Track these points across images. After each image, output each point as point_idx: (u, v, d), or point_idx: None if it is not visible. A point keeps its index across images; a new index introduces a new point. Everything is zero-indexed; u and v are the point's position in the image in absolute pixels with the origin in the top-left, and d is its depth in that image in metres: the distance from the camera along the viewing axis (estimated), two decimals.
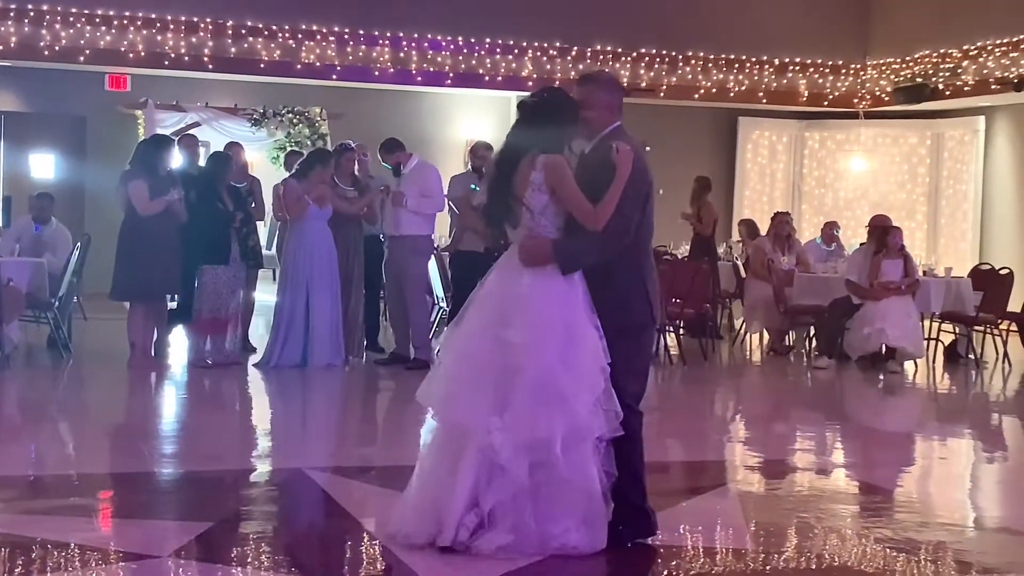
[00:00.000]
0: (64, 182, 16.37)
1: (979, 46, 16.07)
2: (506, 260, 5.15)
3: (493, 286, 5.13)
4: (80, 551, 4.97)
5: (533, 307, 5.00)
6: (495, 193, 5.16)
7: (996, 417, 10.24)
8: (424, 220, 10.76)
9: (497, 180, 5.18)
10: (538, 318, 4.98)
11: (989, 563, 5.28)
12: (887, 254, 11.97)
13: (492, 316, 5.03)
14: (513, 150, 5.13)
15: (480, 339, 5.03)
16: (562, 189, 5.03)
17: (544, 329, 4.97)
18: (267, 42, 15.83)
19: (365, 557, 5.21)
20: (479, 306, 5.11)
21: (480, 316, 5.08)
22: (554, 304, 5.01)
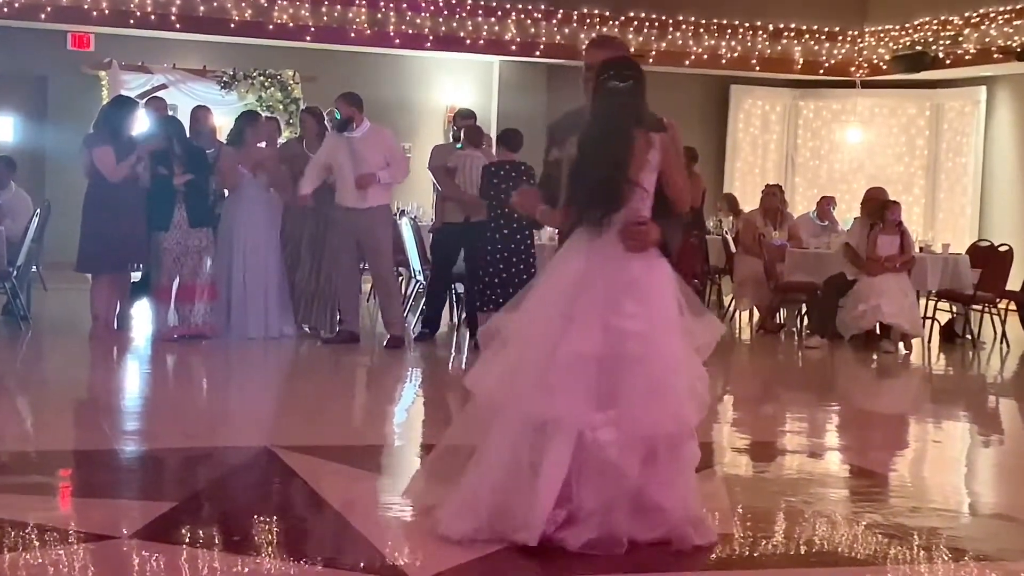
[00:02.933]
0: (23, 145, 16.29)
1: (981, 13, 16.09)
2: (588, 241, 4.89)
3: (579, 271, 4.87)
4: (38, 531, 4.95)
5: (652, 293, 4.88)
6: (610, 164, 4.86)
7: (993, 399, 10.29)
8: (385, 190, 10.67)
9: (612, 152, 4.87)
10: (657, 305, 4.87)
11: (983, 550, 5.30)
12: (883, 229, 11.99)
13: (592, 303, 4.82)
14: (628, 120, 4.90)
15: (583, 328, 4.79)
16: (674, 169, 4.97)
17: (664, 317, 4.86)
18: (237, 1, 15.76)
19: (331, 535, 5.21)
20: (562, 291, 4.85)
21: (569, 303, 4.82)
22: (668, 289, 4.90)
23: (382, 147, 10.58)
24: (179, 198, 10.32)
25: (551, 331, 4.80)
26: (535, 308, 4.91)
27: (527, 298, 4.98)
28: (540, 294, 4.94)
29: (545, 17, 16.81)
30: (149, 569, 4.68)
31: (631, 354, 4.79)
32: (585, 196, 4.90)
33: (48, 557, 4.70)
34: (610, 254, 4.86)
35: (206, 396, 9.00)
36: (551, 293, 4.90)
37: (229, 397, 8.80)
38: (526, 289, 5.07)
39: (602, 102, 4.97)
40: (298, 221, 10.82)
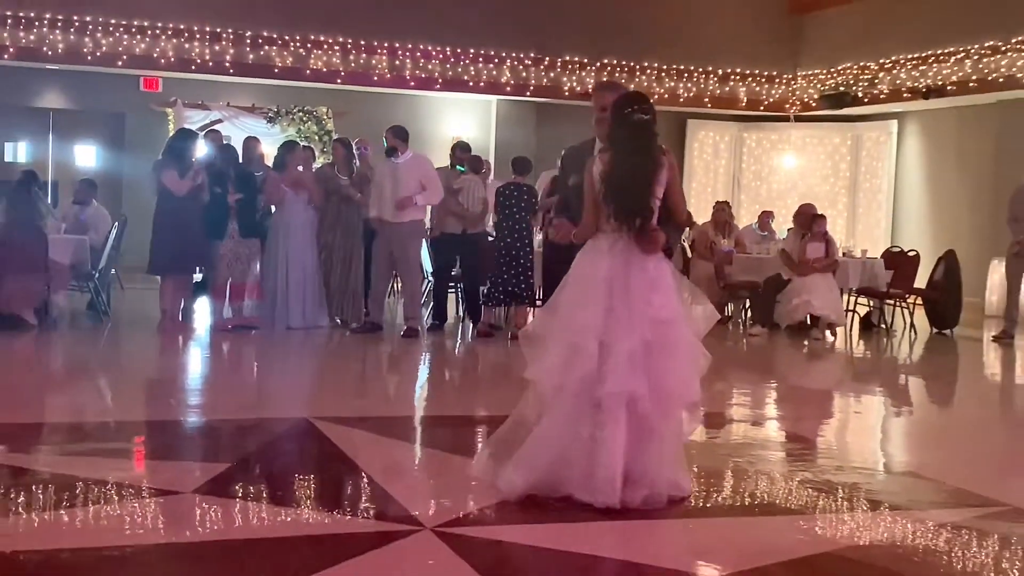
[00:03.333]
0: (104, 170, 16.34)
1: (893, 60, 16.14)
2: (608, 247, 4.87)
3: (607, 271, 4.84)
4: (117, 487, 4.95)
5: (667, 287, 4.90)
6: (636, 188, 4.85)
7: (903, 377, 10.30)
8: (419, 208, 10.68)
9: (639, 177, 4.86)
10: (670, 295, 4.89)
11: (896, 501, 5.31)
12: (812, 238, 12.04)
13: (627, 297, 4.80)
14: (652, 146, 4.91)
15: (628, 319, 4.77)
16: (675, 186, 4.99)
17: (675, 304, 4.90)
18: (280, 50, 15.79)
19: (361, 493, 5.21)
20: (597, 288, 4.82)
21: (606, 297, 4.80)
22: (675, 284, 4.95)
23: (419, 173, 10.51)
24: (232, 213, 10.33)
25: (595, 322, 4.79)
26: (576, 304, 4.87)
27: (560, 298, 4.96)
28: (577, 293, 4.90)
29: (534, 63, 16.83)
30: (208, 519, 4.68)
31: (663, 339, 4.83)
32: (625, 208, 4.86)
33: (125, 509, 4.70)
34: (628, 256, 4.86)
35: (254, 376, 8.99)
36: (588, 290, 4.86)
37: (273, 377, 8.78)
38: (559, 291, 5.01)
39: (629, 131, 4.93)
40: (330, 230, 10.81)
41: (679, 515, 4.90)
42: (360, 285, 10.97)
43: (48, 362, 9.12)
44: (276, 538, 4.43)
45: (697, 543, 4.68)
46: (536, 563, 4.32)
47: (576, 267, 4.99)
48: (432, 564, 4.13)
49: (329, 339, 10.46)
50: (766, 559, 4.31)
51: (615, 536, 4.58)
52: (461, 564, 4.08)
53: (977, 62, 14.85)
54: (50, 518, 4.51)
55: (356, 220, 10.87)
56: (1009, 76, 14.38)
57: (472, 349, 10.62)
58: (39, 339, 9.69)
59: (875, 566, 4.37)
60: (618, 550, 4.44)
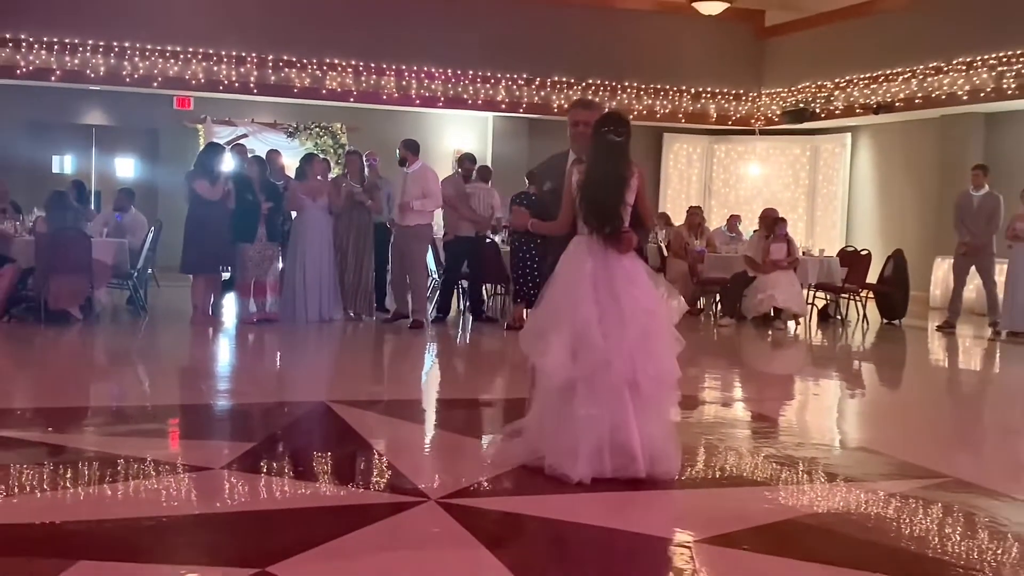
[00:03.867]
0: (141, 180, 16.30)
1: (847, 79, 16.15)
2: (588, 248, 4.91)
3: (591, 269, 4.88)
4: (154, 464, 4.95)
5: (643, 281, 4.97)
6: (609, 198, 4.91)
7: (856, 363, 10.32)
8: (424, 213, 10.70)
9: (611, 188, 4.92)
10: (648, 287, 4.97)
11: (850, 474, 5.32)
12: (775, 239, 12.05)
13: (611, 292, 4.85)
14: (624, 166, 4.96)
15: (618, 311, 4.82)
16: (644, 196, 5.05)
17: (653, 294, 4.97)
18: (299, 72, 15.78)
19: (373, 469, 5.21)
20: (584, 285, 4.85)
21: (593, 292, 4.84)
22: (649, 278, 5.02)
23: (422, 182, 10.58)
24: (261, 219, 10.35)
25: (590, 315, 4.80)
26: (570, 301, 4.87)
27: (555, 296, 4.95)
28: (568, 290, 4.91)
29: (526, 83, 16.82)
30: (236, 492, 4.68)
31: (651, 324, 4.90)
32: (597, 216, 4.92)
33: (161, 484, 4.70)
34: (607, 256, 4.91)
35: (277, 364, 8.98)
36: (578, 288, 4.88)
37: (294, 365, 8.79)
38: (546, 289, 5.03)
39: (603, 149, 4.98)
40: (344, 233, 10.80)
41: (657, 487, 4.90)
42: (371, 282, 11.00)
43: (92, 352, 9.11)
44: (297, 509, 4.43)
45: (674, 512, 4.68)
46: (530, 530, 4.33)
47: (562, 266, 5.00)
48: (437, 532, 4.13)
49: (343, 331, 10.46)
50: (735, 526, 4.31)
51: (600, 506, 4.59)
52: (463, 532, 4.09)
53: (922, 81, 14.86)
54: (94, 492, 4.51)
55: (368, 223, 10.89)
56: (950, 94, 14.40)
57: (474, 339, 10.62)
58: (83, 332, 9.68)
59: (832, 531, 4.38)
60: (603, 518, 4.44)
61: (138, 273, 11.07)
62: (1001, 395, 8.76)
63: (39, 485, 4.61)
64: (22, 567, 3.57)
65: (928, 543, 4.24)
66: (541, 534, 4.29)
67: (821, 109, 16.62)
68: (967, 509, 4.70)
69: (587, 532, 4.30)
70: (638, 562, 4.02)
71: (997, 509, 4.73)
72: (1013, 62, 13.45)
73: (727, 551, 4.02)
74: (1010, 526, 4.49)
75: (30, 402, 6.82)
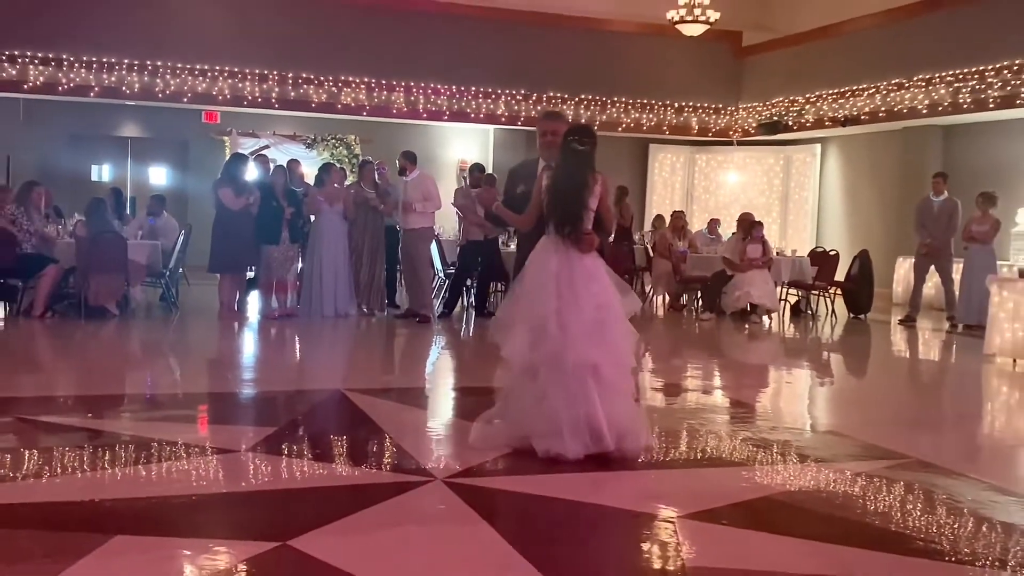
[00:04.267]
0: (173, 187, 16.28)
1: (817, 95, 16.15)
2: (554, 247, 4.93)
3: (556, 266, 4.90)
4: (185, 447, 4.95)
5: (602, 278, 5.00)
6: (572, 202, 4.93)
7: (825, 354, 10.32)
8: (426, 216, 10.73)
9: (574, 193, 4.95)
10: (606, 284, 4.99)
11: (820, 456, 5.32)
12: (752, 240, 12.05)
13: (573, 288, 4.88)
14: (586, 171, 4.99)
15: (577, 305, 4.85)
16: (604, 201, 5.07)
17: (611, 291, 5.00)
18: (317, 88, 15.76)
19: (385, 451, 5.21)
20: (549, 281, 4.88)
21: (556, 288, 4.87)
22: (607, 276, 5.04)
23: (421, 188, 10.66)
24: (284, 223, 10.36)
25: (552, 308, 4.84)
26: (534, 295, 4.92)
27: (522, 290, 4.99)
28: (533, 285, 4.94)
29: (524, 99, 16.79)
30: (260, 473, 4.68)
31: (607, 317, 4.92)
32: (559, 218, 4.97)
33: (191, 465, 4.70)
34: (570, 255, 4.94)
35: (296, 355, 8.99)
36: (542, 283, 4.91)
37: (312, 356, 8.79)
38: (516, 283, 5.08)
39: (569, 157, 5.02)
40: (359, 235, 10.82)
41: (643, 467, 4.91)
42: (383, 280, 11.03)
43: (128, 345, 9.11)
44: (315, 487, 4.43)
45: (659, 490, 4.68)
46: (527, 507, 4.33)
47: (531, 264, 5.04)
48: (442, 508, 4.14)
49: (358, 325, 10.46)
50: (715, 502, 4.32)
51: (591, 484, 4.59)
52: (466, 509, 4.09)
53: (885, 96, 14.85)
54: (130, 472, 4.51)
55: (380, 226, 10.92)
56: (911, 108, 14.39)
57: (477, 333, 10.62)
58: (120, 326, 9.69)
59: (804, 507, 4.39)
60: (594, 496, 4.44)
61: (170, 272, 11.07)
62: (957, 383, 8.77)
63: (80, 466, 4.61)
64: (65, 541, 3.57)
65: (891, 518, 4.24)
66: (537, 510, 4.29)
67: (793, 122, 16.62)
68: (926, 487, 4.71)
69: (579, 508, 4.30)
70: (627, 535, 4.02)
71: (953, 487, 4.74)
72: (968, 79, 13.45)
73: (708, 525, 4.03)
74: (965, 502, 4.49)
75: (72, 390, 6.83)
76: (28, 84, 14.56)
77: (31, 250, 9.93)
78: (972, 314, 11.35)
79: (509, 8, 16.64)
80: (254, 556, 3.47)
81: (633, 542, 3.95)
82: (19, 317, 9.77)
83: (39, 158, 15.48)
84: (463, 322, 11.26)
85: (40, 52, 14.53)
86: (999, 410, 7.46)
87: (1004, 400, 7.82)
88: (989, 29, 13.20)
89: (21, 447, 4.91)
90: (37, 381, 7.07)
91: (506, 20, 16.53)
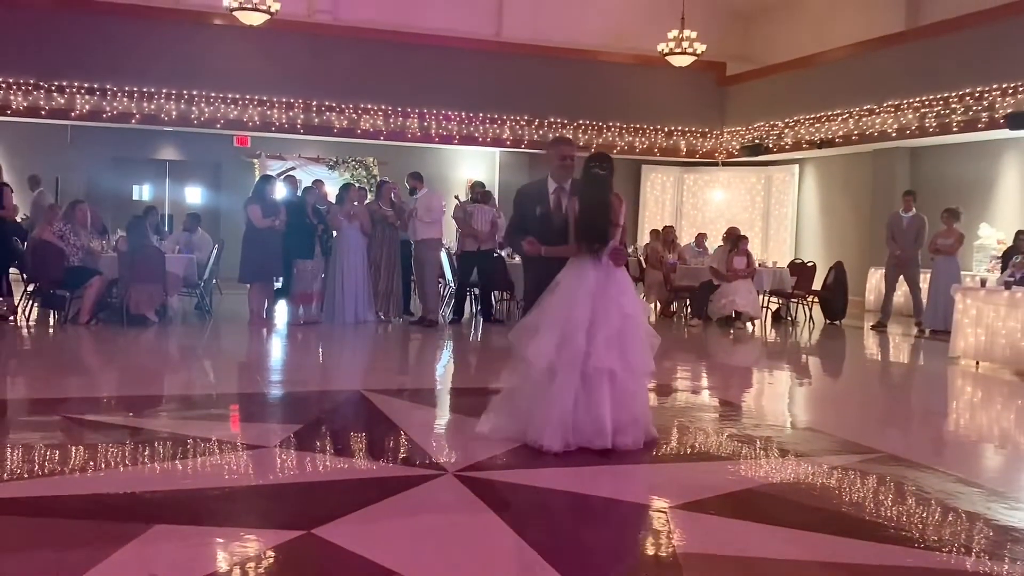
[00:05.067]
0: (207, 205, 16.33)
1: (795, 119, 16.14)
2: (591, 264, 4.99)
3: (593, 281, 4.97)
4: (218, 443, 4.96)
5: (630, 291, 5.14)
6: (601, 218, 5.02)
7: (804, 357, 10.30)
8: (431, 228, 10.80)
9: (602, 211, 5.03)
10: (632, 296, 5.14)
11: (800, 450, 5.31)
12: (737, 252, 12.03)
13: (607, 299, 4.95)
14: (608, 192, 5.09)
15: (608, 315, 4.92)
16: (623, 216, 5.17)
17: (637, 302, 5.18)
18: (338, 115, 15.78)
19: (400, 447, 5.21)
20: (584, 294, 4.94)
21: (592, 299, 4.93)
22: (633, 288, 5.21)
23: (425, 203, 10.80)
24: (316, 239, 10.43)
25: (583, 318, 4.90)
26: (569, 305, 4.94)
27: (555, 299, 5.00)
28: (568, 296, 4.97)
29: (527, 124, 16.80)
30: (287, 466, 4.68)
31: (632, 327, 5.02)
32: (589, 236, 5.04)
33: (224, 459, 4.70)
34: (603, 269, 5.03)
35: (320, 359, 8.99)
36: (578, 295, 4.95)
37: (334, 359, 8.80)
38: (546, 294, 5.07)
39: (592, 181, 5.12)
40: (377, 248, 10.85)
41: (638, 461, 4.90)
42: (399, 289, 11.07)
43: (166, 349, 9.11)
44: (337, 480, 4.43)
45: (652, 482, 4.68)
46: (532, 498, 4.32)
47: (565, 278, 5.06)
48: (453, 500, 4.13)
49: (375, 330, 10.46)
50: (703, 494, 4.31)
51: (589, 477, 4.59)
52: (476, 500, 4.09)
53: (857, 121, 14.84)
54: (168, 466, 4.51)
55: (396, 240, 10.97)
56: (882, 131, 14.38)
57: (484, 338, 10.62)
58: (159, 332, 9.69)
59: (784, 498, 4.37)
60: (592, 488, 4.44)
61: (204, 283, 11.08)
62: (925, 383, 8.74)
63: (122, 461, 4.61)
64: (109, 529, 3.57)
65: (865, 508, 4.23)
66: (540, 500, 4.28)
67: (773, 144, 16.61)
68: (898, 479, 4.69)
69: (577, 499, 4.30)
70: (623, 524, 4.01)
71: (922, 479, 4.72)
72: (933, 105, 13.44)
73: (697, 515, 4.02)
74: (933, 493, 4.48)
75: (114, 391, 6.83)
76: (75, 112, 14.61)
77: (78, 263, 9.95)
78: (938, 320, 11.32)
79: (513, 42, 16.72)
80: (281, 543, 3.47)
81: (628, 530, 3.94)
82: (67, 324, 9.79)
83: (85, 179, 15.54)
84: (471, 327, 11.26)
85: (86, 83, 14.58)
86: (963, 408, 7.44)
87: (968, 399, 7.79)
88: (952, 60, 13.20)
89: (68, 443, 4.92)
90: (82, 383, 7.08)
91: (510, 53, 16.57)
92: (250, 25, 13.29)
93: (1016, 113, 11.98)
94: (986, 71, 12.58)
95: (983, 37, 12.74)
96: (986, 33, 12.68)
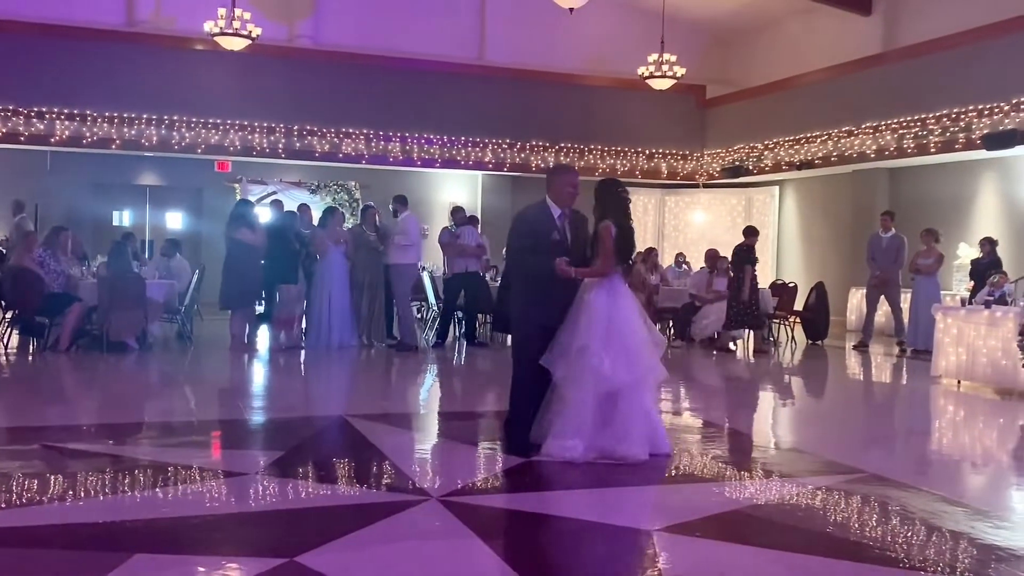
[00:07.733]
0: (188, 231, 16.26)
1: (775, 141, 16.28)
2: (609, 286, 5.37)
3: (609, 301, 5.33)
4: (199, 470, 4.91)
5: (639, 309, 5.52)
6: (631, 242, 5.51)
7: (787, 377, 10.32)
8: (405, 253, 10.80)
9: (631, 234, 5.51)
10: (641, 311, 5.54)
11: (785, 471, 5.32)
12: (717, 273, 12.07)
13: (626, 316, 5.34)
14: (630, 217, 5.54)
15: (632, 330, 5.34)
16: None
17: (643, 317, 5.54)
18: (320, 139, 15.80)
19: (384, 472, 5.18)
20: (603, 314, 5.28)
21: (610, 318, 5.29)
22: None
23: (403, 227, 10.86)
24: (300, 263, 10.43)
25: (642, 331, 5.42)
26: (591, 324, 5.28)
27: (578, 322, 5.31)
28: (589, 318, 5.30)
29: (509, 147, 16.88)
30: (268, 493, 4.64)
31: (648, 339, 5.44)
32: (625, 256, 5.47)
33: (205, 487, 4.66)
34: (619, 290, 5.42)
35: (302, 383, 8.94)
36: (597, 315, 5.30)
37: (316, 384, 8.75)
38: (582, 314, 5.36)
39: (622, 205, 5.53)
40: (360, 273, 10.82)
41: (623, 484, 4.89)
42: (382, 313, 11.01)
43: (146, 376, 9.04)
44: (320, 507, 4.40)
45: (637, 505, 4.67)
46: (518, 524, 4.30)
47: (585, 300, 5.38)
48: (438, 525, 4.11)
49: (358, 355, 10.42)
50: (689, 516, 4.31)
51: (575, 501, 4.58)
52: (461, 526, 4.06)
53: (837, 142, 15.00)
54: (148, 495, 4.46)
55: (379, 264, 10.92)
56: (860, 153, 14.53)
57: (468, 361, 10.59)
58: (139, 359, 9.62)
59: (770, 519, 4.37)
60: (577, 511, 4.43)
61: (185, 309, 11.01)
62: (907, 402, 8.78)
63: (102, 489, 4.56)
64: (88, 559, 3.53)
65: (849, 528, 4.23)
66: (529, 527, 4.26)
67: (753, 166, 16.74)
68: (881, 499, 4.70)
69: (563, 523, 4.28)
70: (609, 547, 4.00)
71: (906, 499, 4.74)
72: (911, 126, 13.61)
73: (682, 538, 4.01)
74: (917, 512, 4.49)
75: (94, 419, 6.76)
76: (55, 137, 14.56)
77: (58, 289, 9.88)
78: (920, 340, 11.40)
79: (495, 65, 16.81)
80: (264, 572, 3.43)
81: (614, 554, 3.93)
82: (46, 351, 9.70)
83: (65, 205, 15.45)
84: (455, 351, 11.23)
85: (66, 108, 14.54)
86: (946, 427, 7.48)
87: (950, 418, 7.84)
88: (929, 82, 13.38)
89: (47, 472, 4.86)
90: (62, 411, 7.01)
91: (492, 76, 16.67)
92: (231, 50, 13.32)
93: (992, 134, 12.15)
94: (963, 92, 12.76)
95: (959, 59, 12.92)
96: (962, 55, 12.87)
